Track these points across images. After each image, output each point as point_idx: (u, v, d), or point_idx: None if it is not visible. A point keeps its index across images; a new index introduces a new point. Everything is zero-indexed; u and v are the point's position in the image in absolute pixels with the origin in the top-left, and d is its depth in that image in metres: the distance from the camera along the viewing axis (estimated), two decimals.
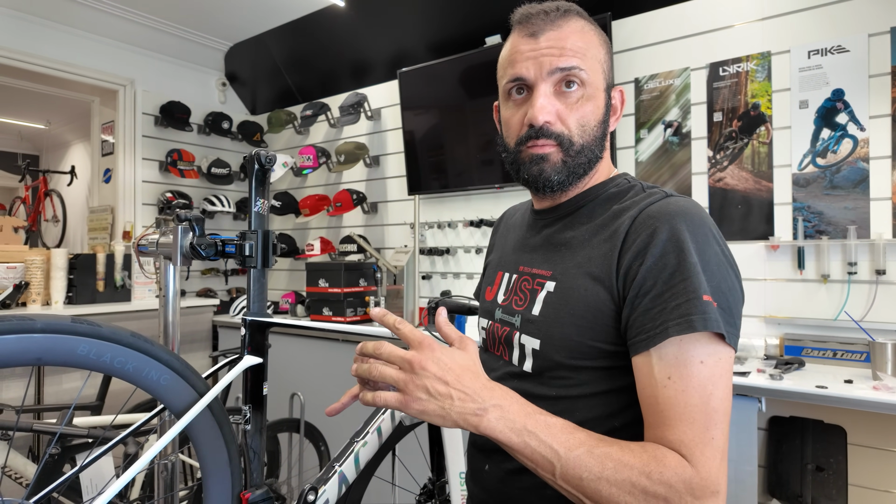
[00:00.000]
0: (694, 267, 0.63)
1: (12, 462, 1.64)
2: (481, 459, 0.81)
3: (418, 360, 0.60)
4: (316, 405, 2.52)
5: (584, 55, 0.73)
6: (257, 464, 0.92)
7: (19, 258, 2.53)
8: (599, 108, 0.75)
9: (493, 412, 0.59)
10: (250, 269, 0.93)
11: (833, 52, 1.90)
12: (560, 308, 0.72)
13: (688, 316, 0.61)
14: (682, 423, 0.60)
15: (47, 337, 0.64)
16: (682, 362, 0.61)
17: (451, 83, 2.73)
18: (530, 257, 0.83)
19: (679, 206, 0.68)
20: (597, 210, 0.77)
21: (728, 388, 0.63)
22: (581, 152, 0.74)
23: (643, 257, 0.66)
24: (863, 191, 1.84)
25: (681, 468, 0.58)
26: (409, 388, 0.59)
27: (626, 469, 0.58)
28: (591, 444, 0.60)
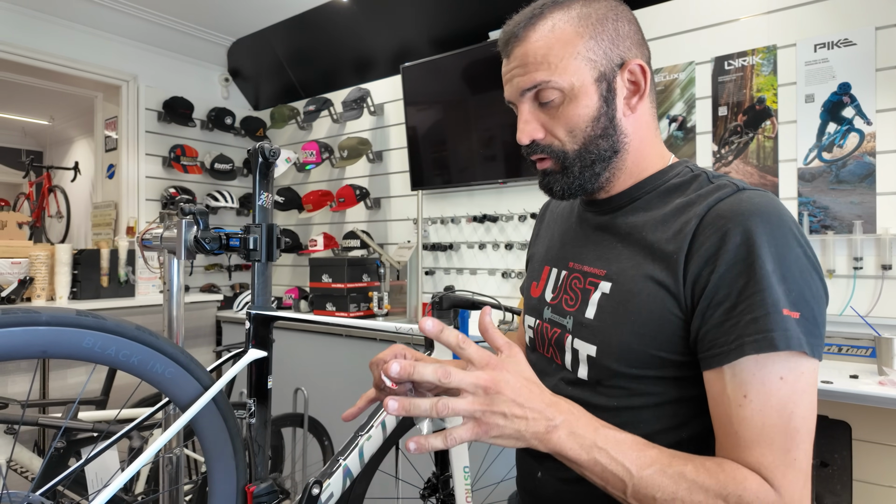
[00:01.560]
0: (770, 277, 0.58)
1: (18, 456, 1.65)
2: (533, 465, 0.78)
3: (494, 384, 0.54)
4: (320, 400, 2.52)
5: (549, 62, 0.68)
6: (262, 457, 0.93)
7: (24, 254, 2.53)
8: (589, 106, 0.69)
9: (562, 429, 0.56)
10: (254, 263, 0.93)
11: (840, 45, 1.88)
12: (618, 313, 0.68)
13: (766, 332, 0.57)
14: (760, 445, 0.56)
15: (52, 330, 0.64)
16: (760, 380, 0.57)
17: (454, 78, 2.72)
18: (580, 252, 0.78)
19: (753, 204, 0.61)
20: (655, 202, 0.71)
21: (812, 404, 0.58)
22: (580, 156, 0.71)
23: (714, 264, 0.61)
24: (869, 185, 1.83)
25: (762, 492, 0.55)
26: (486, 417, 0.54)
27: (703, 492, 0.55)
28: (664, 463, 0.57)
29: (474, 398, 0.54)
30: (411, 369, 0.54)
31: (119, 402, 2.21)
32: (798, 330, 0.57)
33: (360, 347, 2.52)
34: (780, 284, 0.58)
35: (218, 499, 0.85)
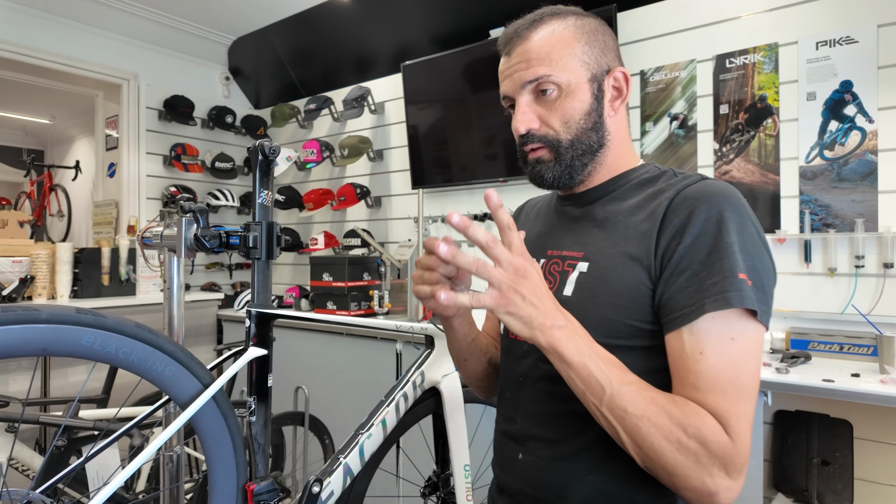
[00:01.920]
0: (731, 246, 0.65)
1: (18, 454, 1.65)
2: (514, 448, 0.81)
3: (524, 269, 0.62)
4: (320, 399, 2.53)
5: (551, 59, 0.75)
6: (262, 456, 0.92)
7: (25, 252, 2.54)
8: (583, 101, 0.76)
9: (565, 330, 0.63)
10: (255, 261, 0.93)
11: (842, 43, 1.88)
12: (595, 288, 0.74)
13: (724, 293, 0.63)
14: (716, 394, 0.62)
15: (52, 327, 0.64)
16: (715, 338, 0.63)
17: (455, 76, 2.71)
18: (559, 240, 0.83)
19: (717, 188, 0.70)
20: (628, 193, 0.79)
21: (757, 366, 0.64)
22: (573, 146, 0.77)
23: (681, 237, 0.68)
24: (871, 183, 1.83)
25: (718, 431, 0.60)
26: (509, 292, 0.61)
27: (668, 416, 0.61)
28: (641, 386, 0.63)
29: (504, 273, 0.61)
30: (468, 223, 0.60)
31: (120, 401, 2.21)
32: (751, 291, 0.64)
33: (361, 346, 2.52)
34: (740, 253, 0.65)
35: (218, 497, 0.85)
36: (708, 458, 0.60)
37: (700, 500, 0.62)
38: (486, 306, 0.62)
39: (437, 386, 1.28)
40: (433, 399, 1.30)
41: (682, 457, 0.60)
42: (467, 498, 1.28)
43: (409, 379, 1.21)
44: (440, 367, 1.28)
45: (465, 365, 0.93)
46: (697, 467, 0.60)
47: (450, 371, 1.29)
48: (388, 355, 2.37)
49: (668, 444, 0.60)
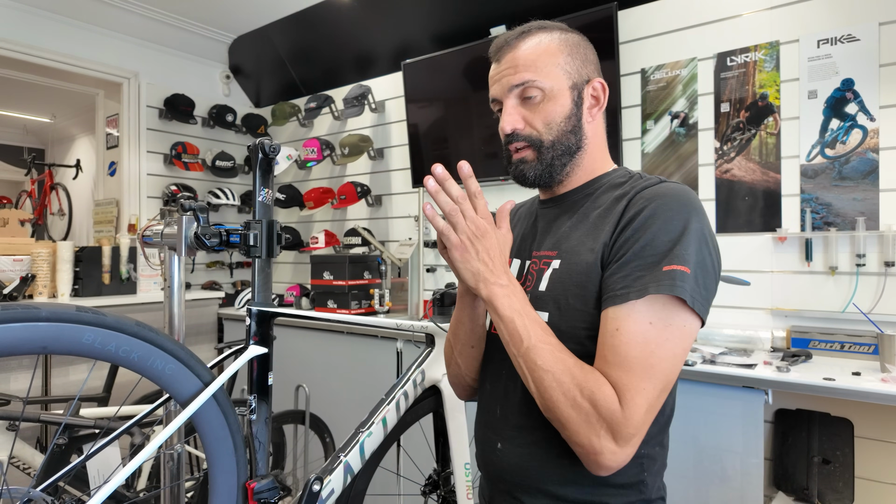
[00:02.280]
0: (665, 243, 0.71)
1: (19, 452, 1.65)
2: (493, 438, 0.87)
3: (485, 230, 0.75)
4: (321, 397, 2.53)
5: (537, 66, 0.83)
6: (263, 454, 0.92)
7: (26, 251, 2.54)
8: (564, 105, 0.84)
9: (505, 289, 0.74)
10: (255, 259, 0.93)
11: (843, 41, 1.87)
12: (564, 281, 0.81)
13: (646, 284, 0.70)
14: (618, 368, 0.69)
15: (52, 325, 0.64)
16: (633, 320, 0.70)
17: (455, 75, 2.71)
18: (539, 242, 0.90)
19: (668, 188, 0.77)
20: (600, 198, 0.85)
21: (674, 352, 0.70)
22: (554, 146, 0.84)
23: (626, 230, 0.76)
24: (872, 182, 1.83)
25: (611, 399, 0.67)
26: (467, 242, 0.74)
27: (570, 376, 0.69)
28: (557, 347, 0.72)
29: (468, 226, 0.74)
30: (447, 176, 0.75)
31: (121, 400, 2.21)
32: (674, 281, 0.69)
33: (362, 344, 2.52)
34: (670, 249, 0.71)
35: (219, 495, 0.85)
36: (597, 419, 0.67)
37: (587, 457, 0.69)
38: (449, 242, 0.74)
39: (437, 384, 1.28)
40: (434, 397, 1.30)
41: (574, 413, 0.68)
42: (468, 496, 1.29)
43: (409, 377, 1.21)
44: (441, 366, 1.28)
45: (470, 353, 0.95)
46: (586, 425, 0.68)
47: None
48: (388, 354, 2.37)
49: (564, 399, 0.69)
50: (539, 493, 0.80)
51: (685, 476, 1.65)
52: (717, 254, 0.75)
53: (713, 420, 1.62)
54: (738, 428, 1.59)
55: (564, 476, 0.78)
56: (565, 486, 0.78)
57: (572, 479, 0.77)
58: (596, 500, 0.77)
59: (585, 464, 0.70)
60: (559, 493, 0.78)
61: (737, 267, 2.05)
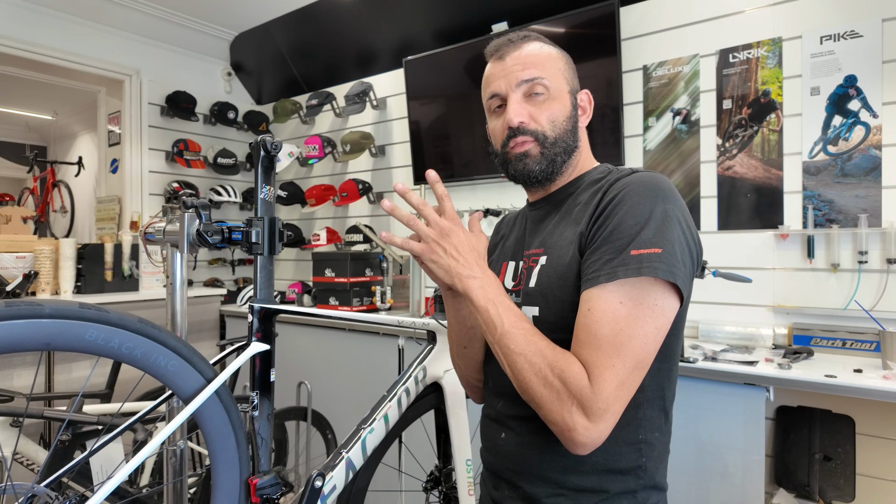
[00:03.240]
0: (632, 227, 0.74)
1: (23, 448, 1.66)
2: (496, 429, 0.90)
3: (448, 229, 0.78)
4: (323, 394, 2.53)
5: (544, 66, 0.87)
6: (265, 450, 0.93)
7: (28, 248, 2.54)
8: (566, 106, 0.88)
9: (479, 280, 0.77)
10: (257, 256, 0.93)
11: (846, 37, 1.87)
12: (551, 275, 0.84)
13: (615, 268, 0.73)
14: (589, 347, 0.71)
15: (56, 322, 0.64)
16: (604, 300, 0.72)
17: (457, 71, 2.71)
18: (529, 242, 0.94)
19: (638, 177, 0.80)
20: (581, 195, 0.88)
21: (645, 330, 0.71)
22: (556, 143, 0.87)
23: (598, 218, 0.79)
24: (875, 178, 1.82)
25: (580, 376, 0.70)
26: (433, 244, 0.78)
27: (541, 357, 0.72)
28: (530, 331, 0.74)
29: (431, 229, 0.78)
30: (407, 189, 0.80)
31: (123, 397, 2.22)
32: (642, 264, 0.71)
33: (363, 341, 2.53)
34: (637, 232, 0.73)
35: (222, 491, 0.85)
36: (567, 396, 0.69)
37: (562, 435, 0.71)
38: (413, 250, 0.78)
39: (439, 381, 1.28)
40: (435, 394, 1.31)
41: (545, 391, 0.71)
42: (469, 492, 1.29)
43: (411, 374, 1.21)
44: (442, 363, 1.28)
45: (464, 353, 0.97)
46: (558, 403, 0.70)
47: (451, 366, 1.29)
48: (390, 351, 2.37)
49: (535, 379, 0.71)
50: (539, 480, 0.82)
51: (686, 472, 1.65)
52: (690, 232, 0.77)
53: (714, 417, 1.63)
54: (740, 425, 1.59)
55: (564, 464, 0.80)
56: (565, 473, 0.79)
57: (572, 467, 0.79)
58: (595, 487, 0.78)
59: (563, 442, 0.72)
60: (559, 480, 0.80)
61: (738, 264, 2.05)
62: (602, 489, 0.78)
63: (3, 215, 2.82)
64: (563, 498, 0.80)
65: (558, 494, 0.80)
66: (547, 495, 0.81)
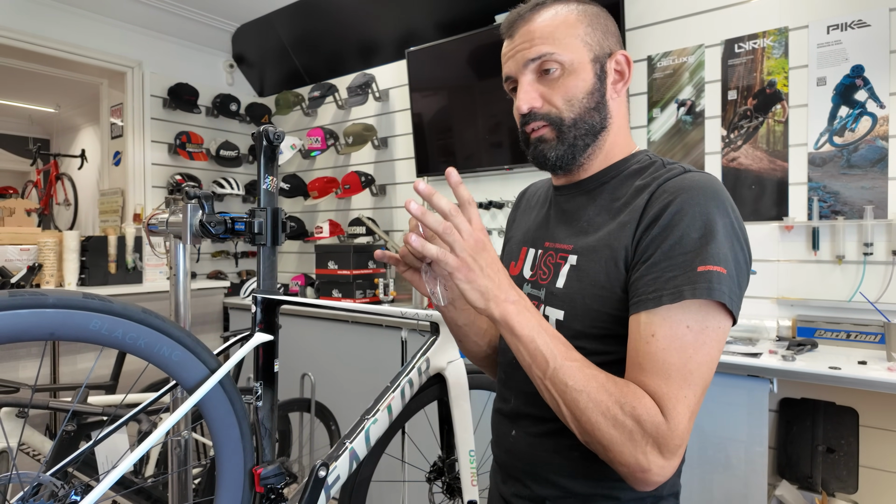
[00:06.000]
0: (695, 242, 0.67)
1: (29, 439, 1.67)
2: (507, 425, 0.86)
3: (483, 243, 0.66)
4: (326, 385, 2.54)
5: (555, 38, 0.76)
6: (269, 440, 0.93)
7: (32, 240, 2.55)
8: (586, 80, 0.77)
9: (517, 305, 0.67)
10: (260, 247, 0.93)
11: (853, 26, 1.85)
12: (582, 280, 0.76)
13: (679, 287, 0.65)
14: (658, 377, 0.64)
15: (60, 312, 0.64)
16: (669, 324, 0.65)
17: (459, 63, 2.69)
18: (553, 233, 0.86)
19: (694, 181, 0.71)
20: (619, 188, 0.80)
21: (711, 356, 0.66)
22: (576, 125, 0.78)
23: (651, 228, 0.70)
24: (881, 170, 1.81)
25: (653, 411, 0.63)
26: (469, 261, 0.65)
27: (606, 393, 0.64)
28: (584, 363, 0.66)
29: (466, 243, 0.65)
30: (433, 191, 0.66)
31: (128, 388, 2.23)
32: (710, 283, 0.64)
33: (366, 333, 2.53)
34: (702, 247, 0.66)
35: (226, 481, 0.85)
36: (641, 435, 0.62)
37: (633, 476, 0.64)
38: (449, 266, 0.64)
39: (442, 372, 1.28)
40: (438, 385, 1.31)
41: (616, 432, 0.63)
42: (472, 483, 1.29)
43: (414, 365, 1.21)
44: (445, 354, 1.28)
45: (460, 346, 0.96)
46: (631, 444, 0.62)
47: (455, 358, 1.29)
48: (393, 342, 2.38)
49: (603, 420, 0.63)
50: (548, 483, 0.79)
51: (689, 464, 1.65)
52: (748, 248, 0.71)
53: (718, 409, 1.63)
54: (743, 417, 1.59)
55: (574, 469, 0.76)
56: (574, 478, 0.76)
57: (582, 473, 0.76)
58: (606, 494, 0.75)
59: (630, 482, 0.65)
60: (568, 486, 0.77)
61: None
62: (613, 496, 0.75)
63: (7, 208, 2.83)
64: (571, 500, 0.77)
65: (566, 497, 0.77)
66: (554, 498, 0.78)
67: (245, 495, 0.87)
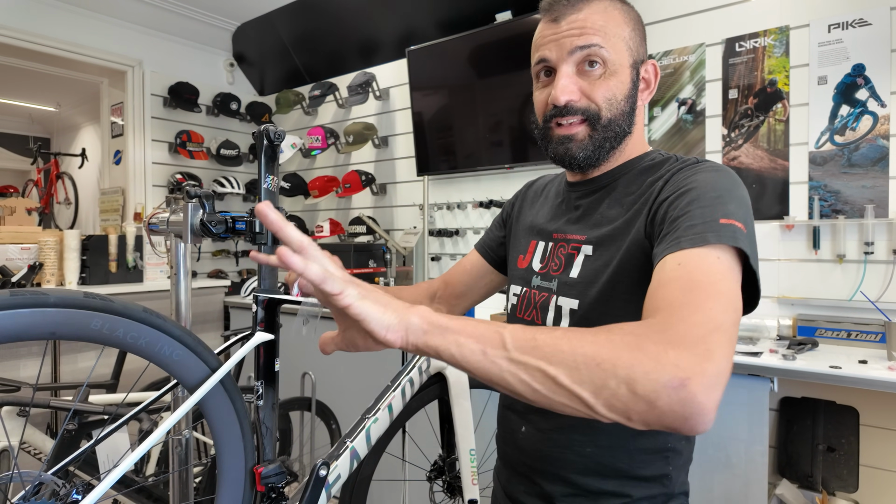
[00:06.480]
0: (713, 199, 0.64)
1: (30, 438, 1.67)
2: (517, 422, 0.85)
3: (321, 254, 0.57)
4: (327, 384, 2.54)
5: (605, 33, 0.74)
6: (270, 439, 0.93)
7: (33, 239, 2.55)
8: (625, 83, 0.76)
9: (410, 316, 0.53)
10: (261, 247, 0.93)
11: (854, 25, 1.84)
12: (598, 268, 0.75)
13: (703, 233, 0.60)
14: (675, 288, 0.55)
15: (60, 311, 0.64)
16: (695, 256, 0.58)
17: (460, 62, 2.69)
18: (564, 226, 0.85)
19: (710, 164, 0.73)
20: (633, 185, 0.79)
21: (737, 294, 0.57)
22: (609, 126, 0.76)
23: (667, 198, 0.69)
24: (882, 169, 1.80)
25: (645, 322, 0.52)
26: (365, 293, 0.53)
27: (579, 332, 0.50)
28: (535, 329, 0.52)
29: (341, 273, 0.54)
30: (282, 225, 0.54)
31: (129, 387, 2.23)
32: (732, 232, 0.60)
33: None
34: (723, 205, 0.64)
35: (227, 480, 0.85)
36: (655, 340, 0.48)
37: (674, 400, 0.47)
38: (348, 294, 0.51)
39: (442, 371, 1.28)
40: (439, 384, 1.31)
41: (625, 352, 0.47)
42: (473, 482, 1.29)
43: (415, 364, 1.21)
44: None
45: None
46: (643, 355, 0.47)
47: None
48: None
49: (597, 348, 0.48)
50: (559, 480, 0.78)
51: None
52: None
53: (718, 407, 1.62)
54: (744, 416, 1.59)
55: (587, 466, 0.75)
56: (587, 475, 0.75)
57: (594, 470, 0.75)
58: (617, 491, 0.74)
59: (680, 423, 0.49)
60: (580, 483, 0.76)
61: None
62: (624, 493, 0.74)
63: (8, 207, 2.83)
64: (581, 499, 0.76)
65: (576, 495, 0.76)
66: (564, 495, 0.77)
67: (246, 494, 0.87)
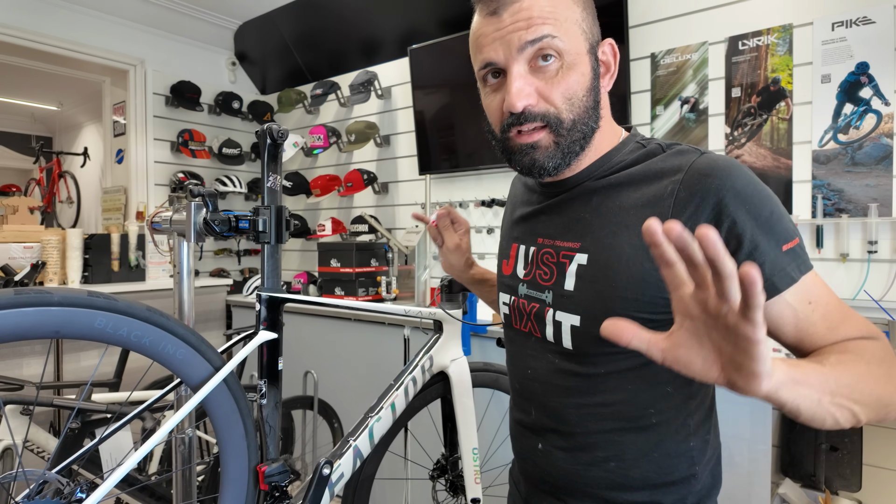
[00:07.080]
0: (767, 220, 0.62)
1: (34, 436, 1.68)
2: (532, 438, 0.79)
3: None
4: (329, 383, 2.54)
5: (556, 19, 0.64)
6: (273, 438, 0.93)
7: (35, 238, 2.56)
8: (585, 74, 0.67)
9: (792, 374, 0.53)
10: (264, 245, 0.93)
11: (858, 23, 1.84)
12: (599, 282, 0.68)
13: (783, 269, 0.62)
14: (847, 324, 0.64)
15: (65, 310, 0.64)
16: (808, 290, 0.63)
17: (462, 60, 2.67)
18: (548, 229, 0.77)
19: (726, 162, 0.66)
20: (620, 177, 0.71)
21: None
22: (574, 128, 0.67)
23: (718, 220, 0.62)
24: (886, 167, 1.80)
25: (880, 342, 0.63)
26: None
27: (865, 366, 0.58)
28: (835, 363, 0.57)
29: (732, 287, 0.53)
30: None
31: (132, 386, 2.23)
32: (799, 254, 0.63)
33: (369, 331, 2.53)
34: (777, 224, 0.63)
35: (230, 478, 0.86)
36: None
37: None
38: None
39: (445, 370, 1.28)
40: (442, 383, 1.31)
41: None
42: (475, 480, 1.29)
43: (417, 363, 1.21)
44: (449, 352, 1.28)
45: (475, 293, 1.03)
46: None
47: (458, 356, 1.29)
48: (395, 341, 2.38)
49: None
50: (586, 497, 0.74)
51: None
52: None
53: (721, 407, 1.61)
54: (746, 415, 1.59)
55: (613, 480, 0.72)
56: (613, 490, 0.72)
57: (621, 483, 0.72)
58: (647, 501, 0.71)
59: None
60: (609, 497, 0.73)
61: None
62: (655, 502, 0.71)
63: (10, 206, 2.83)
64: None
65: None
66: None
67: (249, 493, 0.87)
